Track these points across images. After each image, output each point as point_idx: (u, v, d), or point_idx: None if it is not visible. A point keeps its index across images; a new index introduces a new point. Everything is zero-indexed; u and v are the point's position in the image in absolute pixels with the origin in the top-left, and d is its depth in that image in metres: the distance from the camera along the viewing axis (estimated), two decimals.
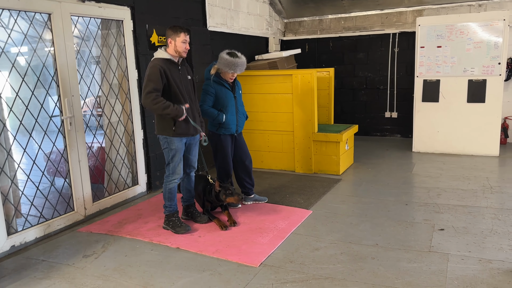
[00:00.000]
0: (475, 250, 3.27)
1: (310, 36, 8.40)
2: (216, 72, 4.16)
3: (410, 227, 3.80)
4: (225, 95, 4.17)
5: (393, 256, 3.25)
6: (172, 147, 3.66)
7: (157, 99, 3.44)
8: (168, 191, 3.80)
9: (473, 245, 3.35)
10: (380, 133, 8.15)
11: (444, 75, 6.44)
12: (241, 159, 4.42)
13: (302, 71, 5.59)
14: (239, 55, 4.09)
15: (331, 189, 4.99)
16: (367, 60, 8.03)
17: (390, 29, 7.73)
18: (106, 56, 4.63)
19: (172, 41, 3.57)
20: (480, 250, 3.26)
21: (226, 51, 4.09)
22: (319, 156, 5.66)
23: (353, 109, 8.23)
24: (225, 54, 4.06)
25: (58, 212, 4.06)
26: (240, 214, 4.24)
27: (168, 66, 3.56)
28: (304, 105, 5.54)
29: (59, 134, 4.06)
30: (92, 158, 4.66)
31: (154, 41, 5.04)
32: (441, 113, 6.53)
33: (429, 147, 6.70)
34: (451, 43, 6.32)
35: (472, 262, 3.08)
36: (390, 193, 4.79)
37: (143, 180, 5.07)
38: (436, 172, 5.55)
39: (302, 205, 4.44)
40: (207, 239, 3.67)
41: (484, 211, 4.07)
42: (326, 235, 3.69)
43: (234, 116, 4.24)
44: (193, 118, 3.74)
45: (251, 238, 3.64)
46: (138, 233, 3.84)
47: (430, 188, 4.90)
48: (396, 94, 7.86)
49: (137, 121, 4.94)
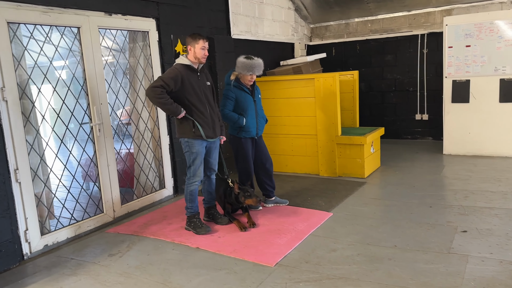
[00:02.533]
0: (497, 252, 3.18)
1: (336, 40, 8.39)
2: (236, 77, 4.28)
3: (432, 229, 3.73)
4: (245, 99, 4.29)
5: (410, 257, 3.21)
6: (193, 150, 3.81)
7: (162, 94, 3.60)
8: (189, 193, 3.94)
9: (495, 247, 3.25)
10: (411, 136, 7.98)
11: (474, 74, 6.25)
12: (262, 162, 4.50)
13: (324, 74, 5.61)
14: (255, 57, 4.23)
15: (354, 192, 4.96)
16: (395, 62, 7.91)
17: (418, 30, 7.60)
18: (133, 66, 4.87)
19: (192, 48, 3.73)
20: (502, 252, 3.16)
21: (242, 56, 4.25)
22: (343, 159, 5.64)
23: (382, 112, 8.12)
24: (241, 58, 4.22)
25: (88, 214, 4.29)
26: (261, 216, 4.31)
27: (187, 72, 3.73)
28: (326, 108, 5.56)
29: (88, 140, 4.30)
30: (121, 163, 4.89)
31: (179, 50, 5.24)
32: (472, 114, 6.34)
33: (460, 149, 6.51)
34: (481, 42, 6.14)
35: (492, 264, 2.99)
36: (415, 195, 4.71)
37: (169, 183, 5.25)
38: (465, 174, 5.39)
39: (323, 207, 4.45)
40: (226, 239, 3.76)
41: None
42: (344, 237, 3.69)
43: (254, 120, 4.34)
44: (212, 123, 3.87)
45: (269, 239, 3.70)
46: (162, 233, 3.99)
47: (457, 190, 4.77)
48: (427, 95, 7.69)
49: (163, 127, 5.13)
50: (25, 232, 3.65)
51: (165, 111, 3.76)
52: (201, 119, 3.78)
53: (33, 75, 3.77)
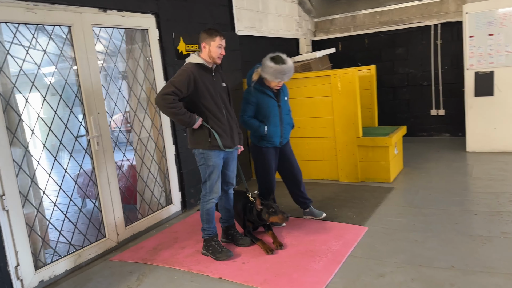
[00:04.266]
0: None
1: (343, 34, 7.91)
2: (259, 78, 3.73)
3: (488, 242, 3.25)
4: (267, 104, 3.75)
5: (476, 282, 2.72)
6: (210, 163, 3.28)
7: (174, 103, 3.08)
8: (205, 212, 3.42)
9: None
10: (426, 133, 7.52)
11: (499, 65, 5.80)
12: (291, 173, 3.98)
13: (341, 70, 5.11)
14: (285, 58, 3.60)
15: (384, 199, 4.47)
16: (407, 55, 7.44)
17: (431, 21, 7.14)
18: (132, 69, 4.33)
19: (207, 46, 3.20)
20: None
21: (269, 56, 3.62)
22: (365, 162, 5.15)
23: (395, 109, 7.65)
24: (269, 60, 3.58)
25: (88, 240, 3.75)
26: (286, 234, 3.80)
27: (200, 72, 3.20)
28: (345, 107, 5.06)
29: (85, 155, 3.76)
30: (123, 179, 4.35)
31: (181, 50, 4.71)
32: (497, 108, 5.88)
33: (485, 146, 6.06)
34: (505, 29, 5.68)
35: None
36: (452, 201, 4.23)
37: (177, 198, 4.72)
38: (499, 174, 4.93)
39: (355, 220, 3.95)
40: (252, 266, 3.24)
41: None
42: (389, 257, 3.19)
43: (278, 128, 3.80)
44: (231, 131, 3.35)
45: (302, 263, 3.19)
46: (175, 260, 3.46)
47: (497, 193, 4.31)
48: (442, 89, 7.23)
49: (168, 136, 4.60)
50: (16, 268, 3.09)
51: (178, 122, 3.21)
52: (219, 127, 3.26)
53: (19, 83, 3.21)
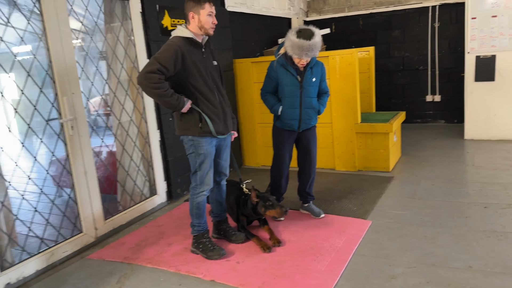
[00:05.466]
0: None
1: (336, 14, 7.52)
2: (285, 52, 3.33)
3: (504, 239, 2.99)
4: (288, 82, 3.36)
5: (499, 285, 2.45)
6: (200, 152, 2.89)
7: (159, 83, 2.64)
8: (195, 206, 3.05)
9: None
10: (421, 120, 7.27)
11: (501, 49, 5.52)
12: (301, 163, 3.65)
13: (340, 51, 4.75)
14: (313, 34, 3.14)
15: (385, 190, 4.18)
16: (403, 38, 7.13)
17: (429, 2, 6.81)
18: (111, 45, 3.88)
19: (195, 15, 2.78)
20: None
21: (296, 29, 3.19)
22: (363, 150, 4.84)
23: (389, 94, 7.35)
24: (292, 34, 3.17)
25: (62, 236, 3.35)
26: (283, 228, 3.47)
27: (189, 47, 2.78)
28: (344, 91, 4.72)
29: (59, 141, 3.33)
30: (101, 167, 3.94)
31: (166, 25, 4.27)
32: (498, 94, 5.64)
33: (484, 134, 5.82)
34: (509, 11, 5.40)
35: None
36: (458, 192, 3.97)
37: (162, 188, 4.33)
38: (503, 164, 4.69)
39: (357, 213, 3.65)
40: (248, 266, 2.91)
41: None
42: (398, 256, 2.89)
43: (297, 110, 3.40)
44: (224, 115, 2.96)
45: (304, 263, 2.87)
46: (161, 259, 3.10)
47: (505, 184, 4.06)
48: (439, 74, 6.96)
49: (151, 120, 4.19)
50: None
51: (164, 105, 2.78)
52: (210, 110, 2.86)
53: None
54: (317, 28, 3.23)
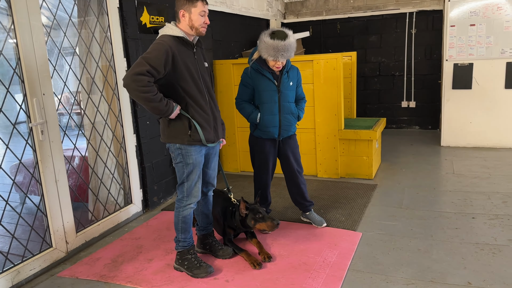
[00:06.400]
0: None
1: (314, 17, 7.44)
2: (259, 57, 3.19)
3: (498, 252, 2.95)
4: (264, 88, 3.21)
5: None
6: (189, 161, 2.67)
7: (148, 86, 2.40)
8: (181, 220, 2.81)
9: None
10: (396, 125, 7.31)
11: (478, 57, 5.61)
12: (287, 172, 3.46)
13: (325, 55, 4.63)
14: (287, 35, 3.05)
15: (371, 199, 4.10)
16: (380, 43, 7.13)
17: (406, 8, 6.84)
18: (86, 42, 3.57)
19: (186, 14, 2.55)
20: None
21: (269, 31, 3.10)
22: (346, 157, 4.75)
23: (365, 99, 7.34)
24: (266, 35, 3.07)
25: (30, 251, 3.02)
26: (271, 241, 3.29)
27: (180, 47, 2.55)
28: (328, 96, 4.61)
29: (27, 147, 3.00)
30: (73, 174, 3.62)
31: (145, 22, 4.00)
32: (474, 102, 5.72)
33: (460, 141, 5.90)
34: (487, 20, 5.48)
35: None
36: (443, 202, 3.94)
37: (138, 197, 4.05)
38: (483, 172, 4.73)
39: (346, 224, 3.53)
40: (238, 284, 2.71)
41: None
42: (394, 271, 2.79)
43: (276, 117, 3.25)
44: (214, 121, 2.75)
45: (298, 280, 2.70)
46: (142, 278, 2.85)
47: (488, 193, 4.07)
48: (414, 81, 7.02)
49: (128, 124, 3.90)
50: None
51: (151, 111, 2.51)
52: (201, 117, 2.64)
53: None
54: (290, 30, 3.15)
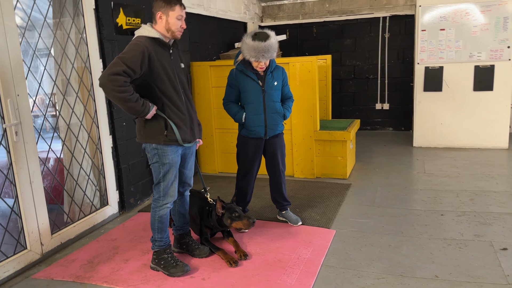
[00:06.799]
0: None
1: (291, 21, 7.56)
2: (244, 58, 3.29)
3: (464, 247, 3.08)
4: (249, 88, 3.31)
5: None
6: (165, 161, 2.70)
7: (125, 86, 2.44)
8: (158, 219, 2.84)
9: None
10: (370, 127, 7.49)
11: (448, 61, 5.82)
12: (270, 171, 3.56)
13: (301, 58, 4.74)
14: (268, 36, 3.15)
15: (345, 198, 4.21)
16: (354, 47, 7.31)
17: (380, 13, 7.04)
18: (61, 43, 3.55)
19: (164, 16, 2.59)
20: None
21: (251, 33, 3.19)
22: (322, 157, 4.86)
23: (340, 101, 7.50)
24: (248, 37, 3.16)
25: (4, 253, 2.98)
26: (248, 240, 3.35)
27: (156, 48, 2.59)
28: (304, 98, 4.70)
29: (0, 148, 2.97)
30: (48, 176, 3.60)
31: (121, 23, 4.00)
32: (444, 104, 5.93)
33: (431, 141, 6.10)
34: (456, 25, 5.70)
35: None
36: (414, 200, 4.08)
37: (114, 198, 4.04)
38: (452, 171, 4.92)
39: (320, 222, 3.62)
40: (215, 282, 2.75)
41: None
42: (366, 266, 2.88)
43: (261, 116, 3.33)
44: (191, 121, 2.79)
45: (273, 277, 2.77)
46: (119, 278, 2.86)
47: (457, 191, 4.24)
48: (388, 83, 7.21)
49: (104, 125, 3.90)
50: None
51: (127, 111, 2.53)
52: (177, 117, 2.68)
53: None
54: (272, 31, 3.24)
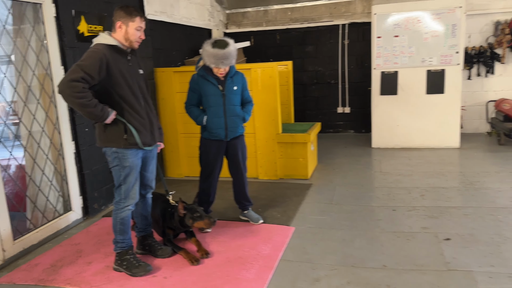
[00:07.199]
0: (497, 263, 2.84)
1: (255, 28, 7.75)
2: (204, 64, 3.44)
3: (412, 238, 3.31)
4: (209, 92, 3.46)
5: (410, 281, 2.71)
6: (126, 164, 2.79)
7: (83, 92, 2.52)
8: (119, 221, 2.92)
9: (491, 257, 2.93)
10: (333, 129, 7.75)
11: (402, 66, 6.14)
12: (232, 172, 3.73)
13: (262, 64, 4.92)
14: (227, 43, 3.31)
15: (305, 197, 4.39)
16: (316, 53, 7.57)
17: (339, 20, 7.33)
18: (21, 50, 3.58)
19: (123, 26, 2.70)
20: (502, 263, 2.84)
21: (211, 40, 3.35)
22: (284, 159, 5.04)
23: (304, 105, 7.73)
24: (208, 44, 3.33)
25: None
26: (210, 239, 3.46)
27: (114, 55, 2.69)
28: (266, 102, 4.88)
29: None
30: (9, 182, 3.60)
31: (83, 31, 4.06)
32: (400, 106, 6.25)
33: (389, 142, 6.39)
34: (409, 32, 6.04)
35: (503, 280, 2.64)
36: (370, 197, 4.31)
37: (77, 204, 4.07)
38: (406, 169, 5.20)
39: (281, 220, 3.78)
40: (176, 280, 2.85)
41: (481, 212, 3.72)
42: (321, 259, 3.06)
43: (221, 119, 3.49)
44: (151, 125, 2.90)
45: (233, 272, 2.90)
46: (82, 280, 2.91)
47: (409, 188, 4.50)
48: (348, 88, 7.50)
49: (65, 131, 3.93)
50: None
51: (86, 116, 2.62)
52: (137, 121, 2.78)
53: None
54: (231, 39, 3.41)
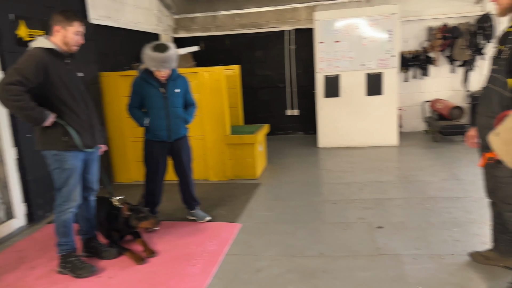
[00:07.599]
0: (422, 246, 3.12)
1: (204, 33, 7.85)
2: (146, 68, 3.51)
3: (348, 228, 3.54)
4: (151, 95, 3.53)
5: (344, 266, 2.91)
6: (66, 167, 2.81)
7: (20, 95, 2.54)
8: (62, 224, 2.92)
9: (417, 241, 3.20)
10: (283, 131, 7.99)
11: (344, 69, 6.47)
12: (178, 172, 3.83)
13: (209, 68, 5.04)
14: (168, 47, 3.40)
15: (253, 195, 4.54)
16: (265, 58, 7.78)
17: (285, 26, 7.59)
18: None
19: (61, 30, 2.73)
20: (427, 246, 3.12)
21: (153, 44, 3.43)
22: (233, 160, 5.17)
23: (255, 109, 7.90)
24: (148, 48, 3.40)
25: None
26: (158, 239, 3.52)
27: (52, 58, 2.71)
28: (214, 105, 4.99)
29: None
30: None
31: (22, 36, 4.00)
32: (342, 108, 6.56)
33: (333, 142, 6.69)
34: (349, 37, 6.37)
35: (425, 261, 2.90)
36: (313, 193, 4.54)
37: (20, 211, 3.98)
38: (348, 166, 5.49)
39: (228, 218, 3.90)
40: (121, 279, 2.90)
41: (411, 202, 4.03)
42: (264, 251, 3.21)
43: (163, 121, 3.56)
44: (91, 127, 2.93)
45: (178, 269, 2.98)
46: (24, 284, 2.89)
47: (349, 183, 4.77)
48: (297, 91, 7.77)
49: (5, 136, 3.85)
50: None
51: (24, 119, 2.62)
52: (77, 123, 2.81)
53: None
54: (172, 44, 3.55)
